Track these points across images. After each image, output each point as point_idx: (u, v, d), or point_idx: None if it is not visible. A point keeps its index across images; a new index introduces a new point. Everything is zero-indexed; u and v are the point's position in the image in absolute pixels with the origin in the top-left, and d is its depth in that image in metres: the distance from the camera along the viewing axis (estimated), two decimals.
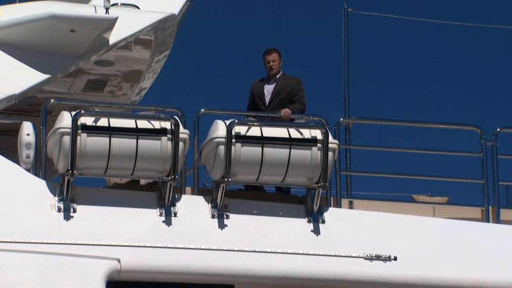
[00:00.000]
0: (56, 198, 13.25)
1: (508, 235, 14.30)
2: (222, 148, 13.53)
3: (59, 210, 13.21)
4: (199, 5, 16.57)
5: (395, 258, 13.61)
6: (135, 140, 13.34)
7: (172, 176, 13.40)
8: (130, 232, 13.28)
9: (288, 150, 13.67)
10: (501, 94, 35.94)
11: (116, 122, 13.51)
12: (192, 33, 17.15)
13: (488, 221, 14.53)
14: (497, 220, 14.49)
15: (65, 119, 13.31)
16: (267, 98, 14.87)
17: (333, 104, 14.91)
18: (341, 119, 14.68)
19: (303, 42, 34.47)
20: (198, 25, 16.88)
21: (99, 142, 13.29)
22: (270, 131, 13.81)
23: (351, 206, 14.55)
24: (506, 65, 37.56)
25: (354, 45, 15.51)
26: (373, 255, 13.60)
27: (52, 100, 14.18)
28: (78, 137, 13.16)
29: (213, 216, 13.62)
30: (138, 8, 15.17)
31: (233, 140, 13.56)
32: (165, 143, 13.42)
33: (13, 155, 13.67)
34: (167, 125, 13.46)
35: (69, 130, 13.16)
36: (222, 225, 13.58)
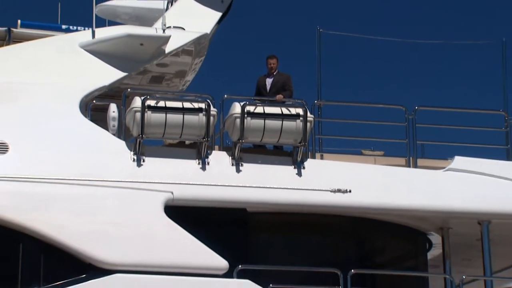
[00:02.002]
0: (131, 153, 13.25)
1: (422, 175, 14.24)
2: (238, 121, 13.47)
3: (133, 160, 13.21)
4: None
5: (350, 191, 13.51)
6: (181, 115, 13.27)
7: (206, 139, 13.36)
8: (179, 174, 13.19)
9: (281, 121, 13.60)
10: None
11: (169, 103, 13.45)
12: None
13: (409, 166, 14.48)
14: (415, 166, 14.44)
15: (137, 102, 13.28)
16: (268, 87, 14.77)
17: (310, 92, 14.86)
18: (315, 101, 14.58)
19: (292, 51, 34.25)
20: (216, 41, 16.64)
21: (159, 117, 13.24)
22: (269, 109, 13.76)
23: (322, 158, 14.44)
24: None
25: (324, 56, 15.33)
26: (336, 189, 13.49)
27: (129, 89, 14.23)
28: (145, 114, 13.15)
29: (232, 164, 13.56)
30: (184, 29, 15.09)
31: (245, 115, 13.48)
32: (201, 117, 13.32)
33: (105, 125, 13.68)
34: (202, 105, 13.38)
35: (139, 109, 13.17)
36: (238, 170, 13.53)
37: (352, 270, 13.10)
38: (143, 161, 13.26)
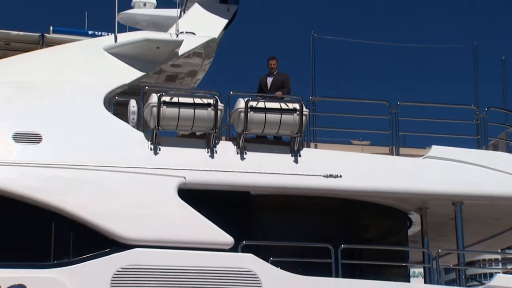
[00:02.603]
0: (149, 142, 13.25)
1: (403, 162, 14.24)
2: (242, 114, 13.47)
3: (150, 149, 13.22)
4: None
5: (340, 176, 13.48)
6: (193, 110, 13.26)
7: (214, 130, 13.37)
8: (190, 161, 13.19)
9: (280, 115, 13.57)
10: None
11: (182, 99, 13.44)
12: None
13: (392, 154, 14.45)
14: (398, 154, 14.41)
15: (153, 98, 13.28)
16: (269, 85, 14.72)
17: (306, 89, 14.87)
18: (310, 97, 14.52)
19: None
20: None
21: (173, 111, 13.24)
22: (270, 104, 13.74)
23: (316, 147, 14.39)
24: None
25: (318, 60, 15.22)
26: (328, 174, 13.48)
27: (146, 87, 14.21)
28: (161, 108, 13.14)
29: (237, 153, 13.56)
30: (194, 34, 15.03)
31: (249, 110, 13.47)
32: (210, 111, 13.29)
33: (125, 118, 13.70)
34: (211, 101, 13.36)
35: (156, 104, 13.16)
36: (242, 158, 13.52)
37: (342, 245, 13.16)
38: (159, 150, 13.26)
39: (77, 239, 12.46)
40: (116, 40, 14.34)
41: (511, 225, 15.91)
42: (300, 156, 13.75)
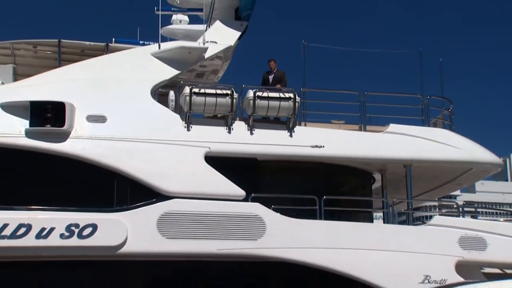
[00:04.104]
0: (183, 122, 13.18)
1: (369, 136, 14.14)
2: (251, 101, 13.43)
3: (184, 127, 13.15)
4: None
5: (323, 146, 13.46)
6: (215, 98, 13.27)
7: (231, 113, 13.35)
8: (213, 136, 13.15)
9: (279, 102, 13.55)
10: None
11: (207, 90, 13.40)
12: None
13: (361, 130, 14.33)
14: (365, 130, 14.29)
15: (186, 89, 13.28)
16: (270, 80, 14.64)
17: (298, 84, 14.73)
18: (301, 89, 14.37)
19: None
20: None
21: (200, 99, 13.23)
22: (272, 94, 13.68)
23: (305, 125, 14.22)
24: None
25: (308, 65, 14.94)
26: (314, 145, 13.43)
27: (181, 82, 14.10)
28: (192, 97, 13.15)
29: (247, 130, 13.50)
30: (216, 43, 14.88)
31: (256, 98, 13.45)
32: (228, 99, 13.30)
33: (166, 105, 13.58)
34: (228, 91, 13.33)
35: (188, 94, 13.17)
36: (251, 133, 13.44)
37: (324, 196, 13.20)
38: (191, 127, 13.19)
39: (132, 192, 12.48)
40: (159, 48, 14.22)
41: (445, 181, 15.85)
42: (293, 132, 13.67)
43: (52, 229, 11.51)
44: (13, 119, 12.19)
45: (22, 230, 11.35)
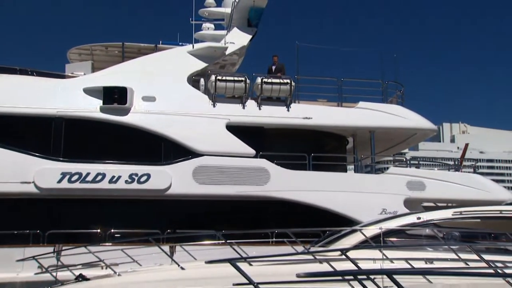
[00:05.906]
0: (210, 101, 12.80)
1: (342, 110, 13.53)
2: (260, 85, 13.02)
3: (211, 104, 12.78)
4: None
5: (311, 118, 13.03)
6: (233, 83, 12.86)
7: (245, 94, 12.93)
8: (232, 110, 12.80)
9: (279, 86, 13.09)
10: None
11: (227, 78, 12.97)
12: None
13: (338, 106, 13.79)
14: (342, 106, 13.75)
15: (212, 77, 12.85)
16: (273, 70, 14.01)
17: (292, 70, 14.05)
18: (296, 76, 13.74)
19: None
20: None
21: (223, 84, 12.83)
22: (274, 80, 13.20)
23: (299, 103, 13.65)
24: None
25: (301, 60, 14.37)
26: (305, 117, 13.06)
27: (209, 71, 13.63)
28: (216, 83, 12.74)
29: (257, 106, 13.07)
30: (234, 43, 14.29)
31: (263, 83, 13.00)
32: (242, 84, 12.89)
33: (198, 88, 13.14)
34: (243, 78, 12.90)
35: (214, 80, 12.76)
36: (259, 108, 13.05)
37: (312, 154, 12.88)
38: (216, 105, 12.84)
39: (175, 151, 12.25)
40: (193, 47, 13.71)
41: (398, 142, 15.29)
42: (290, 107, 13.28)
43: (119, 177, 11.56)
44: (92, 99, 12.19)
45: (99, 177, 11.47)
